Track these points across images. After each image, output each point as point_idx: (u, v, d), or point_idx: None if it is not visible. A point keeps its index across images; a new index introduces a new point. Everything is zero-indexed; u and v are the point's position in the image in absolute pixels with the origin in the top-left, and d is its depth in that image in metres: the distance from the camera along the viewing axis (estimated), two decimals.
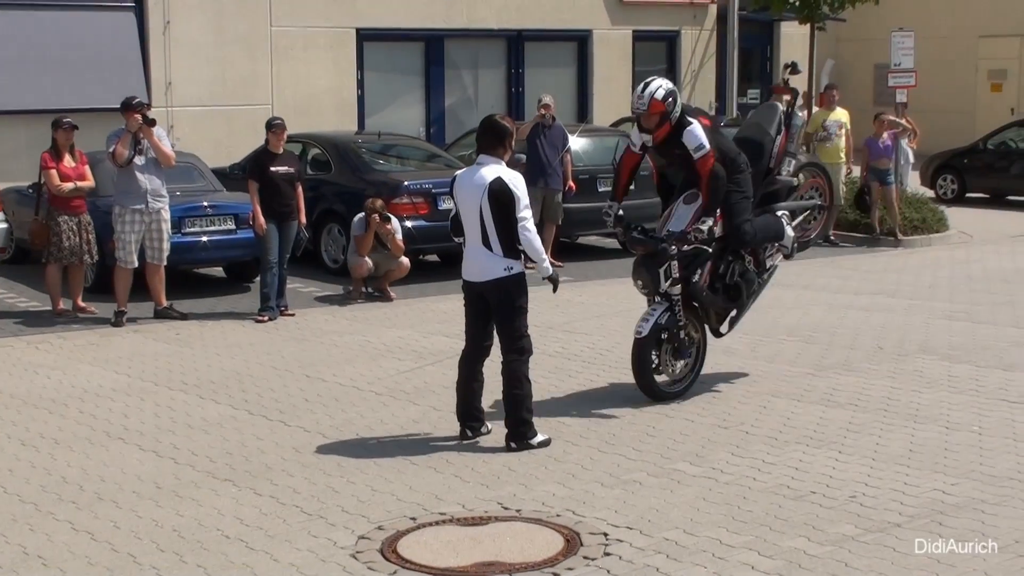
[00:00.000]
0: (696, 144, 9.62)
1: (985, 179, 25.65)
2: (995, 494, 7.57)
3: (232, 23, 20.81)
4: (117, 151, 13.03)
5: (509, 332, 8.67)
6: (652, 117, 9.63)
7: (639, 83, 9.93)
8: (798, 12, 22.83)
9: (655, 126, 9.67)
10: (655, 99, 9.54)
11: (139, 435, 9.10)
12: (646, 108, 9.59)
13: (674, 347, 9.86)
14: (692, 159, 9.67)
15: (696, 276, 9.87)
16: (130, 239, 13.22)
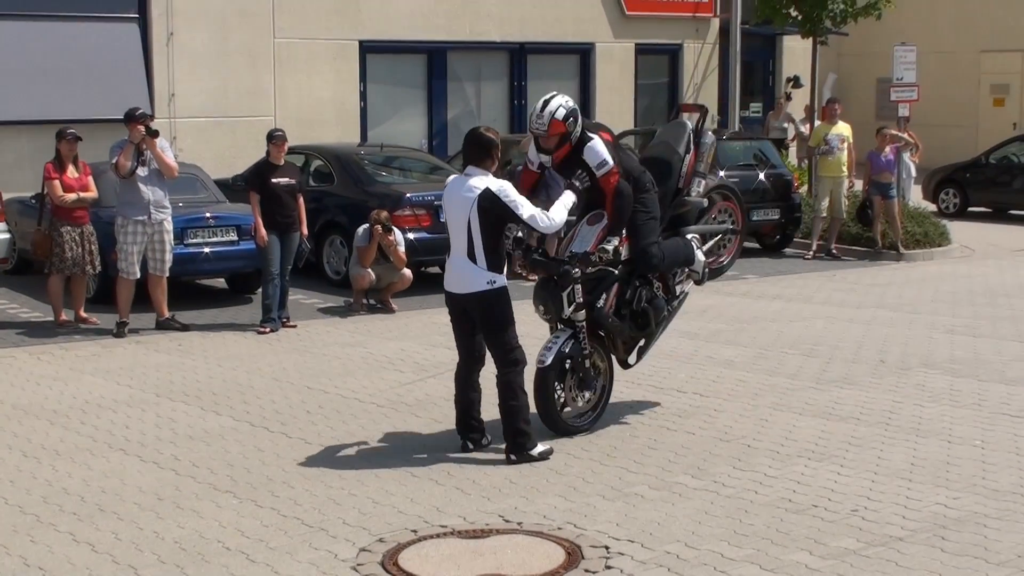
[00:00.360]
0: (598, 160, 9.01)
1: (987, 193, 25.66)
2: (997, 508, 7.56)
3: (235, 35, 20.83)
4: (120, 162, 13.05)
5: (499, 345, 8.65)
6: (552, 139, 8.99)
7: (640, 95, 9.86)
8: (801, 26, 22.84)
9: (554, 147, 9.04)
10: (555, 119, 8.90)
11: (140, 446, 9.09)
12: (546, 130, 8.93)
13: (579, 377, 9.22)
14: (595, 176, 9.06)
15: (601, 301, 9.25)
16: (132, 250, 13.23)
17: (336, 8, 21.92)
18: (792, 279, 17.43)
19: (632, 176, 9.24)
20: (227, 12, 20.75)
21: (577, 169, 9.06)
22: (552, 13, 24.19)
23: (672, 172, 9.78)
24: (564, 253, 9.23)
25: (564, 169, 9.16)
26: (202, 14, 20.48)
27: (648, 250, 9.29)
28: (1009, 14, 32.49)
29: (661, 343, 12.59)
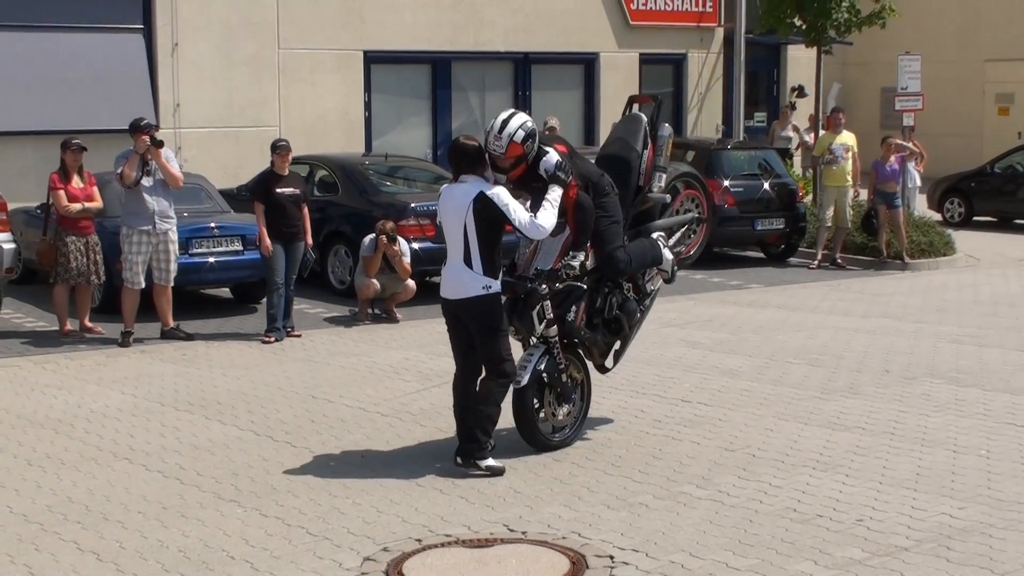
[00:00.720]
0: (550, 174, 8.76)
1: (992, 202, 25.65)
2: (1003, 518, 7.55)
3: (240, 45, 20.86)
4: (125, 172, 13.07)
5: (490, 355, 8.62)
6: (508, 159, 8.66)
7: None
8: (805, 35, 22.86)
9: (510, 167, 8.71)
10: (514, 142, 8.58)
11: (145, 455, 9.09)
12: (503, 151, 8.59)
13: (557, 392, 9.13)
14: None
15: (571, 314, 9.10)
16: (137, 260, 13.25)
17: (340, 18, 21.95)
18: (797, 289, 17.42)
19: (591, 181, 9.07)
20: (232, 22, 20.78)
21: (533, 182, 8.83)
22: (556, 23, 24.21)
23: (631, 171, 9.56)
24: (529, 271, 9.07)
25: (520, 184, 8.91)
26: (207, 25, 20.51)
27: (614, 255, 9.14)
28: (1013, 23, 32.51)
29: (666, 353, 12.62)
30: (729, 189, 19.39)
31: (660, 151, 9.77)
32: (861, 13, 22.51)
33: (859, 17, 22.43)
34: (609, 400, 10.67)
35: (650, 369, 11.91)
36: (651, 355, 12.57)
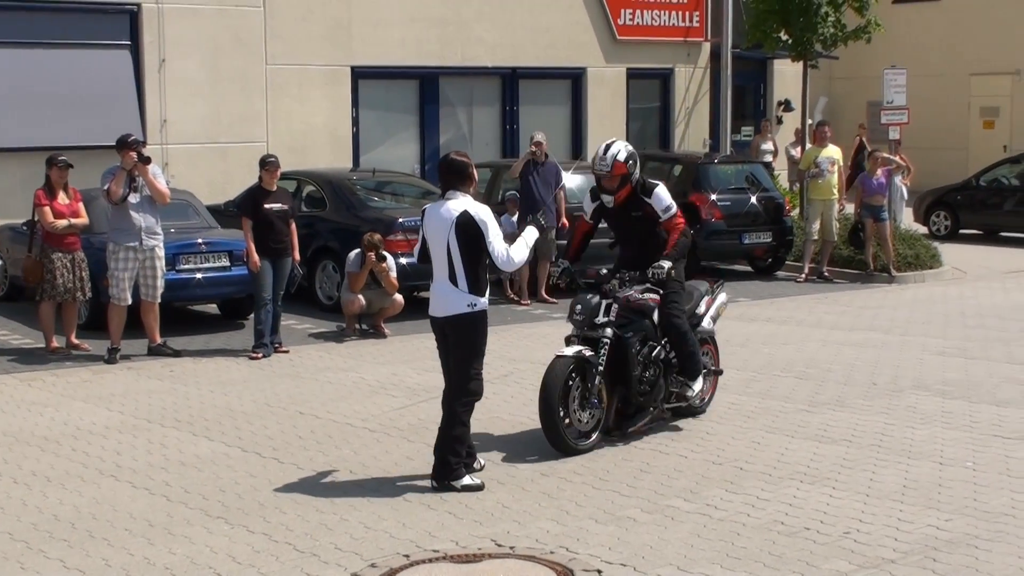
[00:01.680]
0: (664, 205, 9.94)
1: (978, 215, 25.73)
2: (989, 530, 7.56)
3: (227, 61, 20.87)
4: (112, 189, 13.06)
5: (462, 371, 8.61)
6: (615, 179, 9.83)
7: (632, 119, 10.07)
8: (791, 50, 22.94)
9: (617, 187, 9.87)
10: (618, 161, 9.76)
11: (132, 472, 9.07)
12: (609, 169, 9.79)
13: (584, 391, 9.41)
14: (655, 221, 9.98)
15: (630, 334, 9.67)
16: (124, 276, 13.23)
17: (328, 34, 21.98)
18: (784, 302, 17.45)
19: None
20: (219, 39, 20.79)
21: (633, 212, 9.98)
22: (544, 38, 24.27)
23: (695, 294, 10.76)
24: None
25: (622, 211, 10.02)
26: (194, 41, 20.51)
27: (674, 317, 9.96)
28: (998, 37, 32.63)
29: None
30: (716, 203, 19.43)
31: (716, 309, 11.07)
32: (847, 28, 22.62)
33: (845, 32, 22.53)
34: None
35: None
36: None
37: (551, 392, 9.17)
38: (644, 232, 10.06)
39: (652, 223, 10.03)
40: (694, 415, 10.57)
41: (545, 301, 17.17)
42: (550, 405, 9.17)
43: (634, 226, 10.08)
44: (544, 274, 17.29)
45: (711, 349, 10.91)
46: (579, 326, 9.64)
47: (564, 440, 9.26)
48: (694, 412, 10.58)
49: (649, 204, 9.95)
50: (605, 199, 10.00)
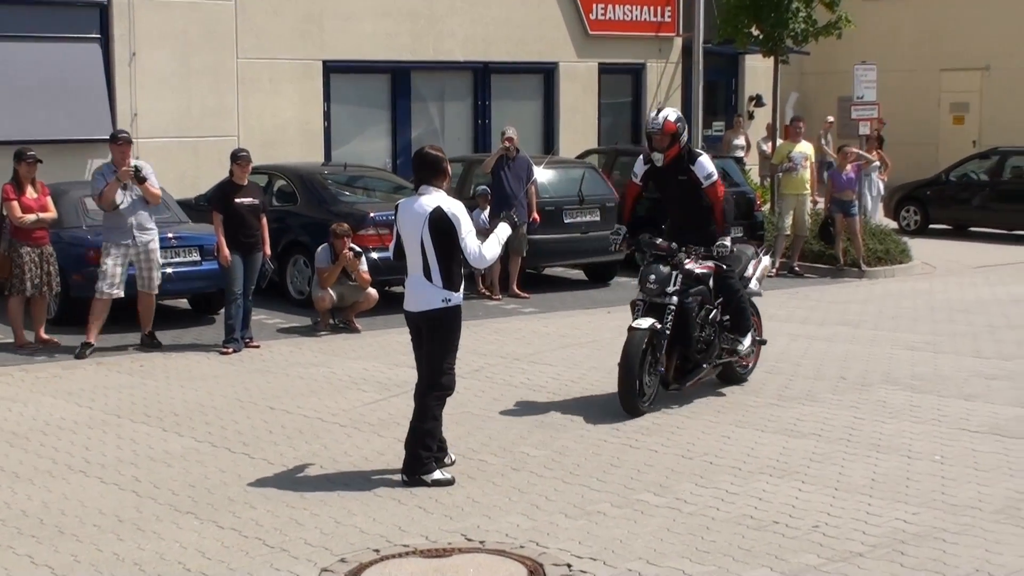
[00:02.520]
0: (706, 172, 10.85)
1: (948, 211, 25.87)
2: (956, 523, 7.61)
3: (198, 55, 20.79)
4: (105, 196, 13.12)
5: (434, 366, 8.61)
6: (665, 137, 10.74)
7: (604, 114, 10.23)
8: (762, 45, 22.97)
9: (667, 146, 10.77)
10: (668, 120, 10.73)
11: (101, 468, 9.04)
12: (660, 127, 10.73)
13: (653, 360, 10.46)
14: (697, 187, 10.85)
15: (690, 299, 10.68)
16: (115, 272, 13.30)
17: (300, 28, 21.92)
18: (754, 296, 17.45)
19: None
20: (190, 32, 20.71)
21: (679, 176, 10.86)
22: (515, 33, 24.26)
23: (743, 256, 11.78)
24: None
25: (668, 174, 10.92)
26: (164, 34, 20.42)
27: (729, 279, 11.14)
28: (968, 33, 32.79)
29: None
30: None
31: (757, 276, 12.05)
32: (818, 23, 22.66)
33: (816, 27, 22.56)
34: (567, 409, 10.70)
35: (608, 377, 11.94)
36: (610, 363, 12.57)
37: (632, 363, 10.20)
38: (687, 196, 10.95)
39: (695, 188, 10.87)
40: (738, 382, 11.59)
41: (517, 296, 17.19)
42: (631, 374, 10.21)
43: (680, 189, 10.96)
44: (516, 269, 17.31)
45: (756, 321, 11.83)
46: (651, 294, 10.59)
47: (638, 406, 10.30)
48: (738, 380, 11.63)
49: (692, 171, 10.83)
50: (655, 157, 10.86)
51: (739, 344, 11.26)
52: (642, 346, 10.26)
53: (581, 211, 18.23)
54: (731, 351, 11.29)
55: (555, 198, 18.19)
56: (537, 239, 17.53)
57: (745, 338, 11.26)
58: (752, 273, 11.81)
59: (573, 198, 18.26)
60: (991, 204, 25.20)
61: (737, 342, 11.25)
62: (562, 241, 18.07)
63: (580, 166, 19.58)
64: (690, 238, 10.90)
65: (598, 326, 14.90)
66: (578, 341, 13.91)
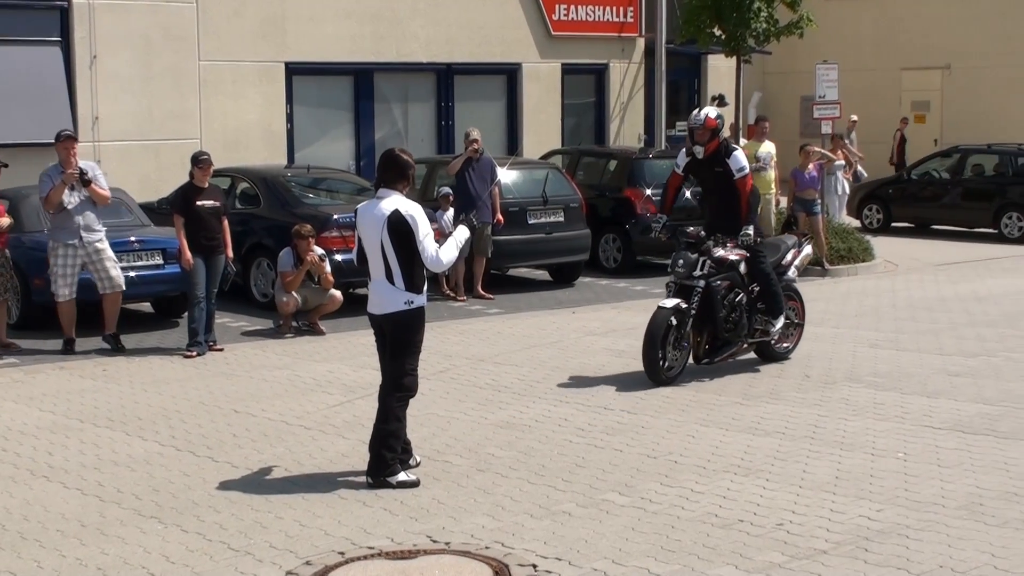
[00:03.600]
0: (739, 166, 12.08)
1: (910, 209, 26.03)
2: (919, 520, 7.66)
3: (160, 57, 20.70)
4: (52, 200, 13.02)
5: (396, 367, 8.61)
6: (705, 131, 12.04)
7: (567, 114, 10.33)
8: (724, 45, 23.07)
9: (707, 140, 12.04)
10: (709, 117, 12.11)
11: (64, 473, 8.99)
12: (702, 123, 12.06)
13: (677, 336, 11.51)
14: (730, 178, 12.02)
15: (717, 281, 11.76)
16: (65, 272, 13.26)
17: (261, 30, 21.86)
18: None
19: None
20: (151, 35, 20.62)
21: (716, 168, 12.11)
22: (478, 34, 24.27)
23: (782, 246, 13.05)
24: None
25: (706, 166, 12.18)
26: (125, 37, 20.33)
27: (759, 263, 12.22)
28: (928, 32, 33.01)
29: (590, 361, 12.68)
30: (651, 198, 19.50)
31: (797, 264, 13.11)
32: (779, 23, 22.77)
33: (777, 27, 22.67)
34: (532, 409, 10.71)
35: (573, 378, 11.96)
36: (575, 364, 12.62)
37: (655, 336, 11.34)
38: (724, 187, 12.14)
39: (728, 179, 12.07)
40: (779, 360, 12.58)
41: (481, 297, 17.18)
42: (653, 346, 11.33)
43: (716, 180, 12.21)
44: (480, 270, 17.30)
45: (796, 305, 12.90)
46: (679, 277, 11.75)
47: (659, 374, 11.41)
48: (778, 358, 12.62)
49: (728, 164, 12.04)
50: (696, 149, 12.12)
51: (771, 326, 12.25)
52: (665, 323, 11.37)
53: (545, 212, 18.25)
54: (764, 331, 12.26)
55: (519, 199, 18.20)
56: (501, 240, 17.54)
57: (777, 320, 12.26)
58: (791, 261, 12.83)
59: (537, 199, 18.27)
60: (952, 202, 25.38)
61: (770, 324, 12.24)
62: (526, 242, 18.09)
63: (544, 167, 19.60)
64: (722, 227, 12.09)
65: (563, 327, 14.91)
66: (543, 342, 13.92)
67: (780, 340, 12.61)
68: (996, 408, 10.58)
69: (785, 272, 12.72)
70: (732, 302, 11.98)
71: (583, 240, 18.64)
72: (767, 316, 12.27)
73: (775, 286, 12.26)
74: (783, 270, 12.68)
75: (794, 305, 12.85)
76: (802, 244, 13.25)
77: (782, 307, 12.32)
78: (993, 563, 6.91)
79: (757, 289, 12.27)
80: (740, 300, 12.05)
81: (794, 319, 12.81)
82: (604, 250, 19.85)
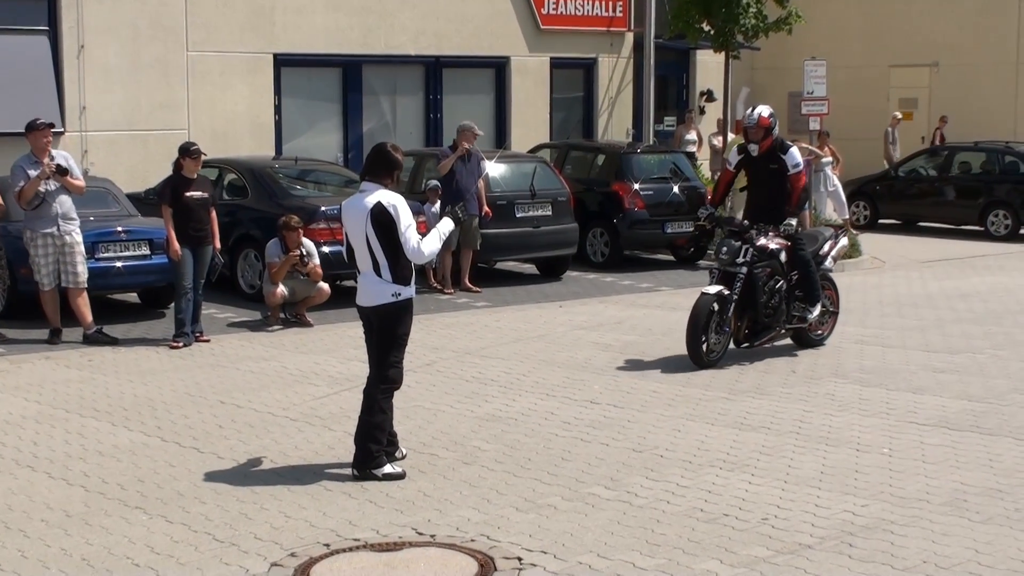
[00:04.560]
0: (795, 162, 12.53)
1: (897, 205, 26.09)
2: (904, 515, 7.68)
3: (148, 48, 20.63)
4: (26, 195, 12.99)
5: (381, 359, 8.61)
6: (759, 130, 12.49)
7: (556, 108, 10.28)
8: (713, 40, 23.08)
9: (761, 138, 12.50)
10: (763, 116, 12.50)
11: (49, 463, 8.97)
12: (756, 122, 12.50)
13: (719, 321, 11.93)
14: (784, 174, 12.47)
15: (759, 269, 12.21)
16: (46, 262, 13.21)
17: (250, 21, 21.80)
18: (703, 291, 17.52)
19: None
20: (139, 25, 20.55)
21: (771, 164, 12.54)
22: (467, 27, 24.23)
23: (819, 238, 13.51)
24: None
25: (760, 162, 12.63)
26: (113, 27, 20.26)
27: (799, 251, 12.67)
28: (917, 29, 33.01)
29: (576, 355, 12.69)
30: (639, 192, 19.53)
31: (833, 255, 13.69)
32: (768, 19, 22.78)
33: (766, 23, 22.69)
34: (519, 403, 10.71)
35: (560, 371, 11.97)
36: (561, 357, 12.63)
37: (698, 320, 11.80)
38: (775, 182, 12.52)
39: (782, 176, 12.48)
40: (814, 346, 13.08)
41: (468, 290, 17.18)
42: (696, 329, 11.78)
43: (769, 175, 12.59)
44: (468, 263, 17.30)
45: (831, 294, 13.34)
46: (723, 264, 12.22)
47: (702, 357, 11.85)
48: (814, 344, 13.10)
49: (783, 160, 12.46)
50: (751, 147, 12.60)
51: (808, 312, 12.69)
52: (709, 308, 11.82)
53: (533, 205, 18.25)
54: (801, 318, 12.69)
55: (507, 192, 18.20)
56: (489, 233, 17.53)
57: (815, 308, 12.68)
58: (828, 251, 13.30)
59: (525, 192, 18.27)
60: (939, 199, 25.43)
61: (807, 311, 12.68)
62: (514, 235, 18.08)
63: (532, 160, 19.59)
64: (764, 217, 12.49)
65: (549, 320, 14.92)
66: (530, 335, 13.92)
67: (815, 327, 13.08)
68: (981, 404, 10.61)
69: (822, 262, 13.17)
70: (772, 289, 12.42)
71: (571, 234, 18.65)
72: (804, 304, 12.68)
73: (814, 274, 12.69)
74: (820, 260, 13.11)
75: (829, 294, 13.26)
76: (839, 236, 13.81)
77: (819, 295, 12.72)
78: (977, 559, 6.94)
79: (796, 277, 12.68)
80: (780, 287, 12.49)
81: (829, 307, 13.25)
82: (592, 244, 19.85)
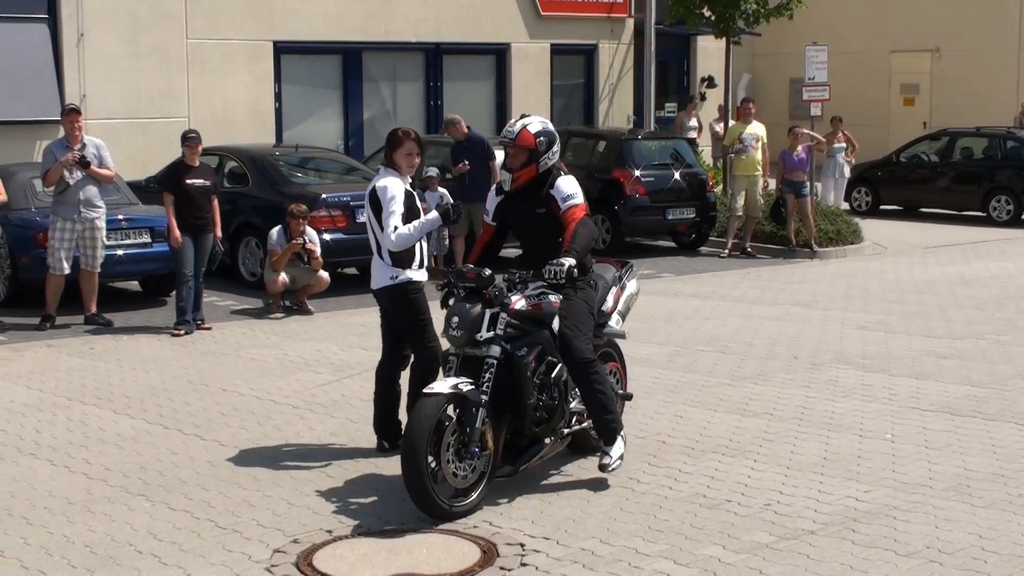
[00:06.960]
0: (565, 195, 8.00)
1: (898, 191, 26.06)
2: (906, 501, 7.67)
3: (148, 35, 20.61)
4: (50, 178, 13.22)
5: (414, 342, 8.65)
6: (519, 153, 8.05)
7: (556, 95, 9.90)
8: (714, 26, 23.05)
9: (520, 165, 8.07)
10: (526, 129, 8.01)
11: (51, 450, 8.96)
12: (514, 137, 8.03)
13: (461, 439, 7.40)
14: (555, 217, 8.01)
15: (524, 351, 7.73)
16: (61, 247, 13.35)
17: (250, 9, 21.77)
18: (707, 277, 17.57)
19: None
20: (139, 13, 20.53)
21: (538, 208, 8.08)
22: (467, 14, 24.20)
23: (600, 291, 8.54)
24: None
25: (523, 203, 8.19)
26: (113, 15, 20.24)
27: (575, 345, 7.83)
28: (918, 15, 32.99)
29: None
30: (640, 179, 19.51)
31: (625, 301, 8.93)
32: (769, 4, 22.75)
33: (767, 8, 22.66)
34: None
35: None
36: None
37: (417, 445, 7.15)
38: (547, 231, 8.08)
39: (553, 220, 8.03)
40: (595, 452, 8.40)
41: None
42: (416, 462, 7.14)
43: (538, 224, 8.17)
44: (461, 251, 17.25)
45: (617, 368, 8.86)
46: (457, 343, 7.63)
47: (436, 504, 7.24)
48: (596, 450, 8.37)
49: (552, 197, 8.04)
50: (504, 177, 8.39)
51: (605, 456, 8.02)
52: (434, 419, 7.23)
53: None
54: (581, 416, 8.30)
55: None
56: None
57: (613, 445, 8.01)
58: (612, 306, 8.70)
59: None
60: (941, 185, 25.41)
61: (604, 455, 8.03)
62: None
63: None
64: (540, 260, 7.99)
65: None
66: None
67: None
68: (984, 390, 10.60)
69: (605, 323, 8.59)
70: (546, 377, 7.97)
71: None
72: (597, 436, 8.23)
73: (600, 385, 7.95)
74: (603, 320, 8.52)
75: (614, 368, 8.80)
76: (624, 277, 8.96)
77: (616, 423, 8.07)
78: (980, 544, 6.93)
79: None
80: (557, 375, 8.02)
81: (616, 389, 8.71)
82: None
